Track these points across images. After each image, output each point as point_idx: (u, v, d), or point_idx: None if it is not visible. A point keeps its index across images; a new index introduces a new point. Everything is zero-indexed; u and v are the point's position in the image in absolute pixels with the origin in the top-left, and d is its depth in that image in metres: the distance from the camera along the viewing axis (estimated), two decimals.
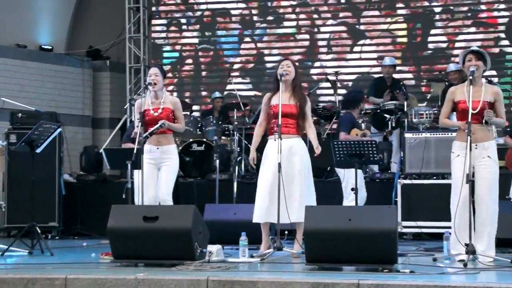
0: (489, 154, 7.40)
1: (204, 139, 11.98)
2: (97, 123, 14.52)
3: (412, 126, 11.14)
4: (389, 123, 11.34)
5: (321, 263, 6.73)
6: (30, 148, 8.63)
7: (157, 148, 8.36)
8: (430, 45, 13.81)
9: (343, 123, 10.25)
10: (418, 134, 10.60)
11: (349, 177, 9.35)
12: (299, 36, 14.26)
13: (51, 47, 14.14)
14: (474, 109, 7.32)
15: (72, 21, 14.71)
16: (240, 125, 11.83)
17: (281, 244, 7.73)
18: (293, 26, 14.31)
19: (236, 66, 14.45)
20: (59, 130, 9.22)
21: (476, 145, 7.31)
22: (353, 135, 9.97)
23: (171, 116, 8.44)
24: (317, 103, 12.72)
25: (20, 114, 11.09)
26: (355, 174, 8.63)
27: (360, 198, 9.43)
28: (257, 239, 8.07)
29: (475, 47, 7.71)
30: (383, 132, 11.49)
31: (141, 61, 14.35)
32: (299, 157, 8.00)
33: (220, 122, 12.16)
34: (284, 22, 14.36)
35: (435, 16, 13.82)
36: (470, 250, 6.99)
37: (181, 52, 14.70)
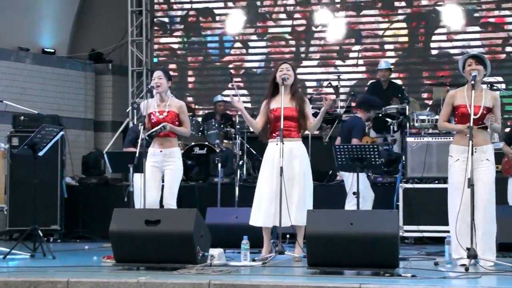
0: (488, 157, 7.44)
1: (206, 143, 11.99)
2: (99, 126, 14.52)
3: (414, 130, 11.14)
4: (391, 127, 11.34)
5: (323, 267, 6.73)
6: (32, 151, 8.65)
7: (160, 151, 8.36)
8: (432, 50, 13.72)
9: (356, 128, 9.98)
10: (420, 139, 10.61)
11: (355, 181, 9.32)
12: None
13: (53, 50, 14.15)
14: (475, 114, 7.33)
15: (74, 24, 14.73)
16: (242, 129, 11.83)
17: (283, 247, 7.74)
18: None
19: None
20: (61, 133, 9.23)
21: (475, 148, 7.32)
22: (365, 142, 9.85)
23: (176, 120, 8.44)
24: (318, 107, 12.71)
25: (22, 117, 11.12)
26: (357, 178, 8.64)
27: (368, 199, 9.46)
28: (259, 243, 8.07)
29: (474, 52, 7.72)
30: (383, 136, 11.47)
31: (144, 64, 14.36)
32: (299, 160, 8.01)
33: (222, 126, 12.17)
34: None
35: (438, 17, 13.64)
36: (472, 254, 7.00)
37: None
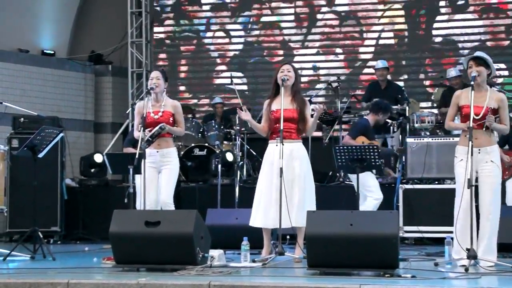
0: (492, 158, 7.42)
1: (206, 144, 11.99)
2: (99, 128, 14.52)
3: (414, 131, 11.15)
4: (391, 128, 11.34)
5: (323, 268, 6.73)
6: (32, 153, 8.65)
7: (157, 152, 8.36)
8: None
9: (354, 127, 10.26)
10: (420, 139, 10.62)
11: (365, 181, 9.35)
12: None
13: (53, 52, 14.15)
14: (477, 114, 7.33)
15: (74, 26, 14.73)
16: (242, 126, 11.79)
17: (283, 248, 7.74)
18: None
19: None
20: (61, 135, 9.23)
21: (479, 149, 7.32)
22: (360, 142, 9.88)
23: (171, 120, 8.44)
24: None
25: (22, 119, 11.11)
26: (357, 179, 8.63)
27: (376, 198, 9.46)
28: (259, 244, 8.07)
29: (478, 53, 7.71)
30: (383, 136, 11.44)
31: (143, 65, 14.36)
32: (299, 161, 8.01)
33: (222, 127, 12.17)
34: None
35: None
36: (472, 255, 7.00)
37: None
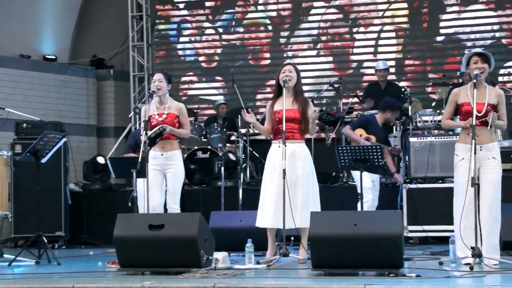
0: (494, 155, 7.42)
1: (209, 147, 11.99)
2: (102, 132, 14.54)
3: (417, 131, 11.14)
4: (394, 127, 11.34)
5: (327, 268, 6.72)
6: (35, 158, 8.65)
7: (161, 154, 8.35)
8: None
9: (356, 120, 10.43)
10: (423, 138, 10.61)
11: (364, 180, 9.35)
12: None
13: (54, 57, 14.17)
14: (479, 111, 7.30)
15: (75, 31, 14.74)
16: (246, 127, 11.80)
17: (287, 250, 7.73)
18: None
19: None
20: (64, 139, 9.23)
21: (480, 147, 7.31)
22: (357, 134, 9.93)
23: (176, 122, 8.43)
24: (321, 109, 12.71)
25: (24, 124, 11.13)
26: (360, 179, 8.63)
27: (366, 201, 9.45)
28: (263, 246, 8.07)
29: (478, 49, 7.70)
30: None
31: (145, 69, 14.37)
32: (302, 162, 8.00)
33: (224, 129, 12.17)
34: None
35: None
36: (476, 253, 6.99)
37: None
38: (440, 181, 10.39)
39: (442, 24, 13.35)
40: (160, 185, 8.37)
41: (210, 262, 7.15)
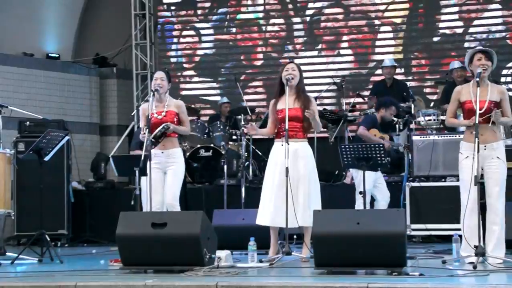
0: (498, 154, 7.39)
1: (212, 145, 11.99)
2: (105, 130, 14.53)
3: (420, 129, 11.12)
4: (397, 126, 11.32)
5: (330, 267, 6.71)
6: (38, 156, 8.65)
7: (162, 152, 8.34)
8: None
9: (365, 120, 10.38)
10: (426, 137, 10.60)
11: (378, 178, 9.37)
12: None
13: (58, 55, 14.17)
14: (480, 109, 7.29)
15: (78, 29, 14.74)
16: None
17: (290, 248, 7.73)
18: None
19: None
20: (67, 138, 9.23)
21: (485, 146, 7.29)
22: (372, 134, 9.94)
23: (176, 119, 8.42)
24: (324, 107, 12.70)
25: (27, 122, 11.14)
26: (363, 177, 8.63)
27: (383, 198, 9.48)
28: (266, 244, 8.06)
29: (481, 47, 7.67)
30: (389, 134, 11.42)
31: (148, 67, 14.36)
32: (304, 161, 7.99)
33: (227, 128, 12.16)
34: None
35: None
36: (480, 252, 6.97)
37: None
38: (443, 180, 10.38)
39: (441, 25, 13.34)
40: (162, 183, 8.36)
41: (213, 260, 7.15)
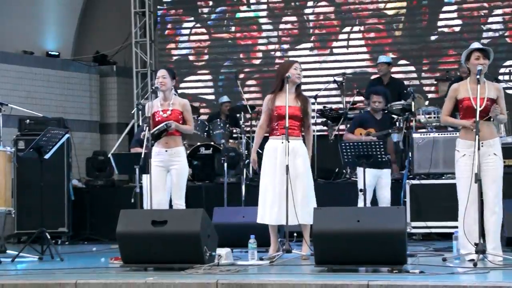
0: (495, 151, 7.40)
1: (212, 143, 11.99)
2: (105, 128, 14.52)
3: (420, 126, 11.12)
4: (397, 123, 11.31)
5: (330, 264, 6.72)
6: (39, 154, 8.66)
7: (165, 151, 8.35)
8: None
9: (352, 122, 10.36)
10: (426, 134, 10.59)
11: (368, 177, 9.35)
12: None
13: (57, 53, 14.16)
14: (479, 106, 7.29)
15: (78, 27, 14.73)
16: (247, 127, 11.80)
17: (290, 246, 7.73)
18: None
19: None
20: (67, 135, 9.24)
21: (482, 143, 7.28)
22: (357, 135, 9.93)
23: (180, 118, 8.43)
24: (324, 105, 12.69)
25: (27, 120, 11.13)
26: (363, 175, 8.63)
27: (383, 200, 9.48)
28: (266, 242, 8.07)
29: (477, 44, 7.62)
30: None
31: (148, 65, 14.36)
32: (302, 159, 8.00)
33: (227, 126, 12.17)
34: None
35: None
36: (480, 249, 6.97)
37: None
38: (443, 177, 10.37)
39: (439, 23, 13.29)
40: (164, 181, 8.37)
41: (213, 258, 7.16)
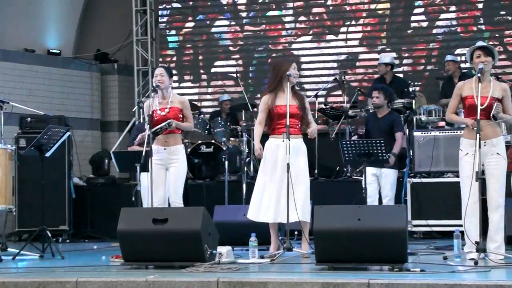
0: (498, 151, 7.38)
1: (213, 141, 12.00)
2: (106, 126, 14.53)
3: (421, 125, 11.11)
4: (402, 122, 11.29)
5: (331, 263, 6.72)
6: (40, 152, 8.67)
7: (164, 149, 8.34)
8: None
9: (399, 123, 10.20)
10: (427, 133, 10.59)
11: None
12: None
13: (59, 51, 14.16)
14: (481, 104, 7.27)
15: (79, 25, 14.73)
16: (248, 126, 11.81)
17: (291, 244, 7.73)
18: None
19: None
20: (68, 133, 9.24)
21: (484, 142, 7.27)
22: None
23: (179, 116, 8.42)
24: (325, 103, 12.69)
25: (29, 118, 11.14)
26: (364, 174, 8.63)
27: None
28: (267, 240, 8.07)
29: (481, 43, 7.65)
30: None
31: (149, 63, 14.35)
32: (302, 157, 8.02)
33: (228, 124, 12.17)
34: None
35: None
36: (481, 248, 6.97)
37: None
38: (444, 175, 10.37)
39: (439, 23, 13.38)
40: (164, 179, 8.36)
41: (214, 256, 7.15)
